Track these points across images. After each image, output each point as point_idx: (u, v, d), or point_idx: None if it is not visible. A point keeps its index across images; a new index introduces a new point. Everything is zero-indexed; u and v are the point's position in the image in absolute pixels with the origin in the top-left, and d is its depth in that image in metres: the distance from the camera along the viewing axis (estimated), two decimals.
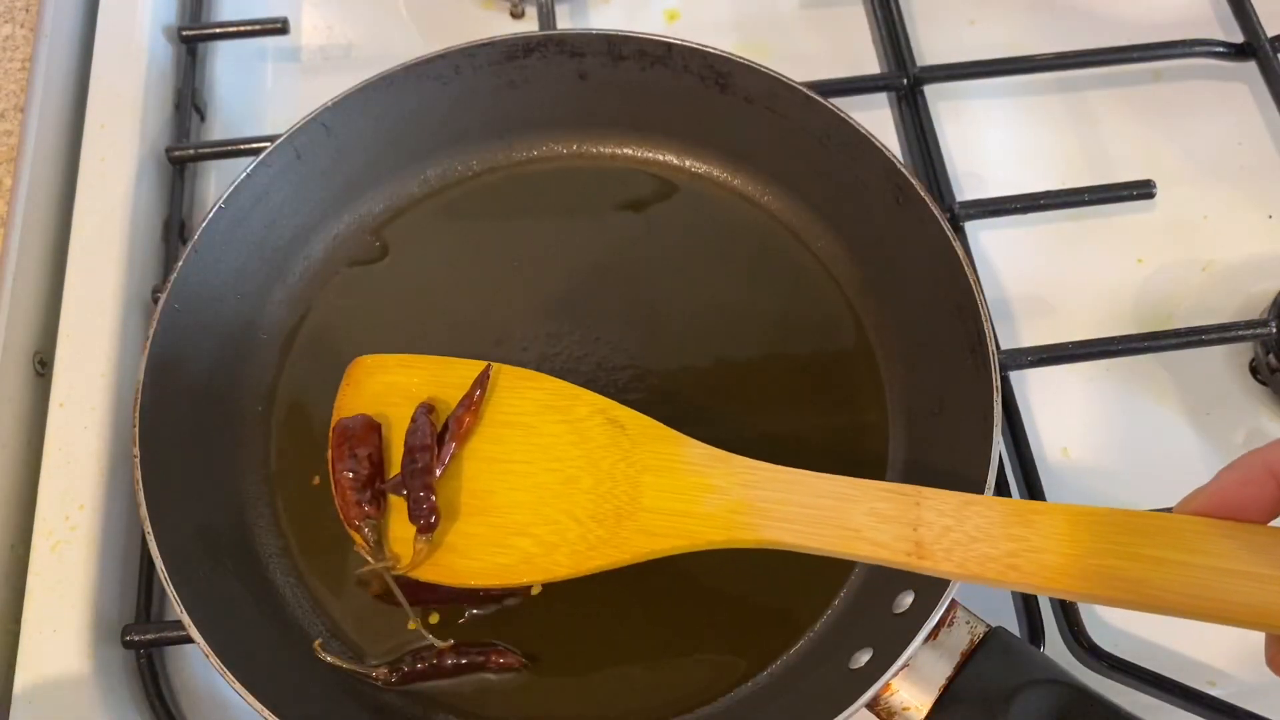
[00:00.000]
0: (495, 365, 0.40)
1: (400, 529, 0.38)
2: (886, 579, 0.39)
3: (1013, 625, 0.40)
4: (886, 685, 0.35)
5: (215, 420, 0.43)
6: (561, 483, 0.37)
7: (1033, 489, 0.43)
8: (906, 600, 0.37)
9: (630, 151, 0.49)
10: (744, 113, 0.46)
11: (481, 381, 0.39)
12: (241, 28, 0.54)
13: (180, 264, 0.41)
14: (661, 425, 0.37)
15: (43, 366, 0.45)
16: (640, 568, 0.41)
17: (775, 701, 0.39)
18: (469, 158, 0.49)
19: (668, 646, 0.40)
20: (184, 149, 0.50)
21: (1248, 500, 0.28)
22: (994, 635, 0.36)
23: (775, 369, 0.45)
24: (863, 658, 0.37)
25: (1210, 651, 0.42)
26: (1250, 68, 0.53)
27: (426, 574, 0.37)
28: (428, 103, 0.47)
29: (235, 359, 0.44)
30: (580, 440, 0.37)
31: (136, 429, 0.38)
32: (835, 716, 0.35)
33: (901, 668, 0.35)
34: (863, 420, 0.44)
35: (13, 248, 0.45)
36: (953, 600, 0.35)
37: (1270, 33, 0.53)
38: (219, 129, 0.54)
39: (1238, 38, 0.54)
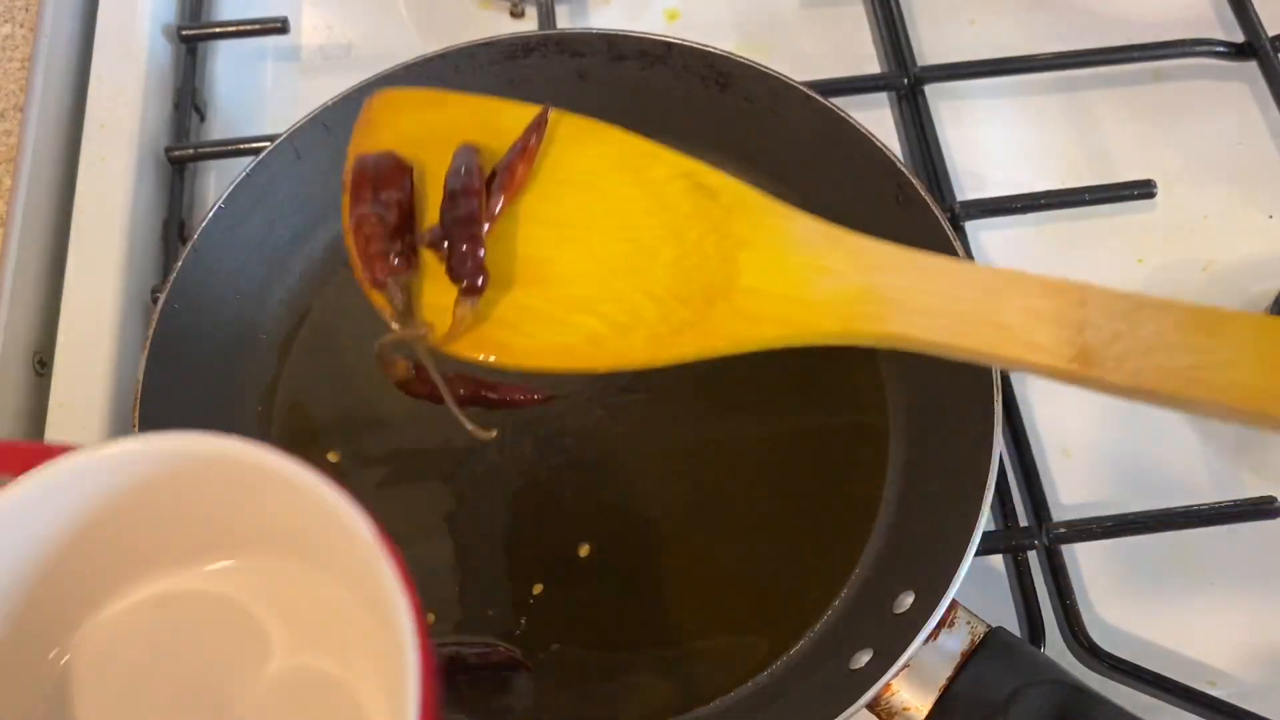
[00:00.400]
0: (554, 110, 0.33)
1: (436, 295, 0.31)
2: (887, 579, 0.39)
3: (1013, 625, 0.40)
4: (887, 686, 0.35)
5: (214, 420, 0.43)
6: (636, 254, 0.30)
7: (1033, 489, 0.43)
8: (907, 600, 0.37)
9: None
10: (744, 113, 0.46)
11: (539, 126, 0.32)
12: (241, 27, 0.54)
13: (180, 264, 0.41)
14: (762, 194, 0.30)
15: (42, 367, 0.45)
16: (638, 568, 0.41)
17: (775, 702, 0.39)
18: None
19: (667, 647, 0.40)
20: (184, 149, 0.50)
21: None
22: (994, 635, 0.36)
23: (775, 369, 0.45)
24: (863, 658, 0.37)
25: (1211, 652, 0.42)
26: (1251, 67, 0.53)
27: (471, 350, 0.30)
28: None
29: (235, 359, 0.44)
30: (659, 207, 0.31)
31: (136, 430, 0.38)
32: (835, 717, 0.35)
33: (902, 668, 0.35)
34: (862, 420, 0.44)
35: (12, 248, 0.45)
36: (953, 600, 0.35)
37: (1271, 32, 0.53)
38: (219, 129, 0.54)
39: (1238, 37, 0.54)
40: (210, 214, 0.42)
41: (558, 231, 0.31)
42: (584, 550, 0.41)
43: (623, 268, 0.30)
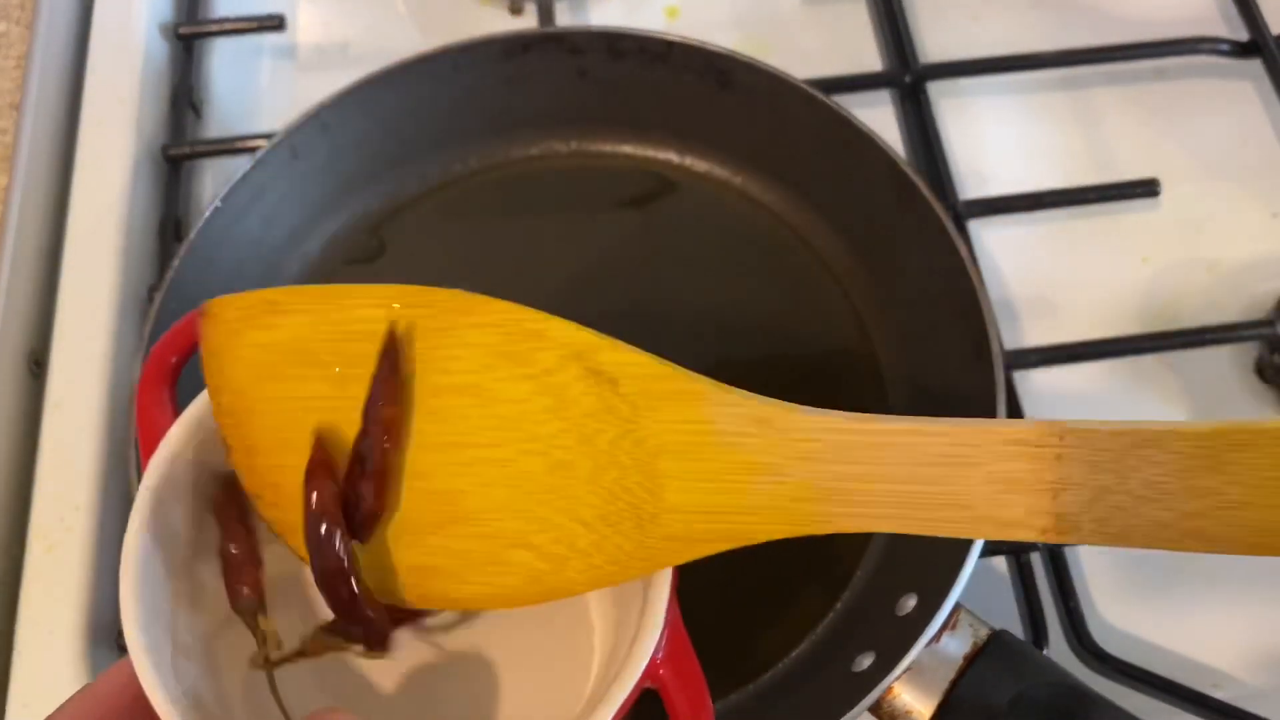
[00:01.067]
0: (406, 293, 0.26)
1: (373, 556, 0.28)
2: (890, 582, 0.39)
3: (1015, 628, 0.40)
4: (889, 688, 0.35)
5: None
6: (549, 471, 0.26)
7: None
8: (909, 603, 0.37)
9: (630, 150, 0.49)
10: (745, 110, 0.46)
11: (392, 352, 0.26)
12: (238, 25, 0.54)
13: (176, 263, 0.41)
14: (670, 371, 0.25)
15: (37, 367, 0.45)
16: None
17: (776, 705, 0.38)
18: (467, 156, 0.49)
19: None
20: (180, 147, 0.50)
21: None
22: (997, 638, 0.36)
23: (777, 368, 0.45)
24: (865, 661, 0.36)
25: (1215, 654, 0.42)
26: (1255, 65, 0.53)
27: (414, 602, 0.28)
28: (425, 100, 0.46)
29: None
30: (558, 405, 0.26)
31: (132, 430, 0.38)
32: (838, 719, 0.34)
33: (904, 671, 0.34)
34: None
35: (7, 247, 0.44)
36: (957, 603, 0.35)
37: (1275, 31, 0.53)
38: (215, 127, 0.53)
39: (1243, 36, 0.53)
40: (207, 213, 0.42)
41: (459, 454, 0.26)
42: None
43: (540, 489, 0.26)
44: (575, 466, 0.26)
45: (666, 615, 0.27)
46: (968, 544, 0.35)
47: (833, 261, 0.46)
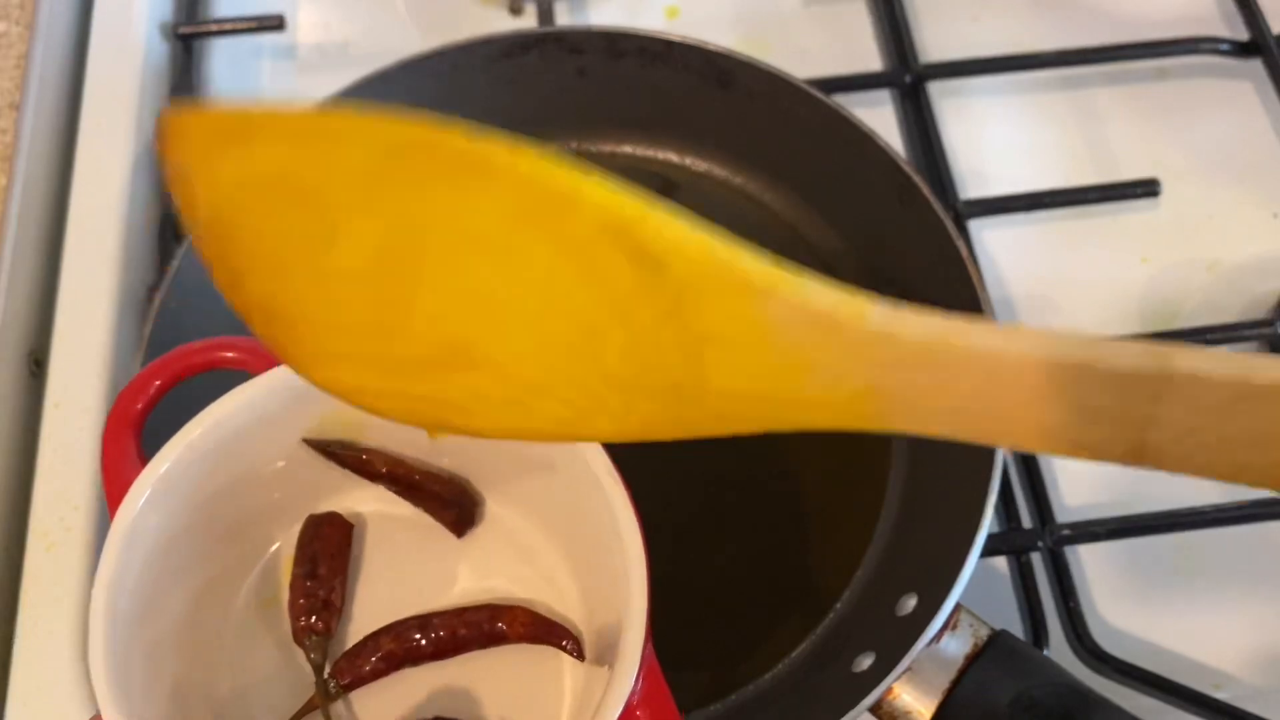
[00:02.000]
0: (404, 131, 0.22)
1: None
2: (890, 582, 0.39)
3: (1016, 628, 0.40)
4: (889, 689, 0.35)
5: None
6: (579, 333, 0.23)
7: (1036, 491, 0.43)
8: (910, 603, 0.37)
9: (630, 149, 0.49)
10: (745, 110, 0.46)
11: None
12: (237, 25, 0.53)
13: (176, 262, 0.41)
14: (724, 250, 0.23)
15: (37, 366, 0.45)
16: None
17: (776, 705, 0.38)
18: None
19: (667, 650, 0.40)
20: None
21: None
22: (998, 639, 0.36)
23: None
24: (865, 661, 0.36)
25: (1216, 654, 0.42)
26: (1255, 65, 0.53)
27: (452, 430, 0.26)
28: (425, 100, 0.46)
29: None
30: (590, 278, 0.22)
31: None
32: (838, 719, 0.34)
33: (904, 671, 0.34)
34: None
35: (7, 246, 0.44)
36: (957, 603, 0.35)
37: (1275, 30, 0.53)
38: None
39: (1243, 35, 0.53)
40: None
41: (478, 307, 0.23)
42: None
43: (567, 348, 0.24)
44: (607, 337, 0.23)
45: (642, 657, 0.28)
46: (968, 544, 0.35)
47: (832, 261, 0.46)
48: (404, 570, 0.34)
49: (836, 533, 0.41)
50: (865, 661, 0.36)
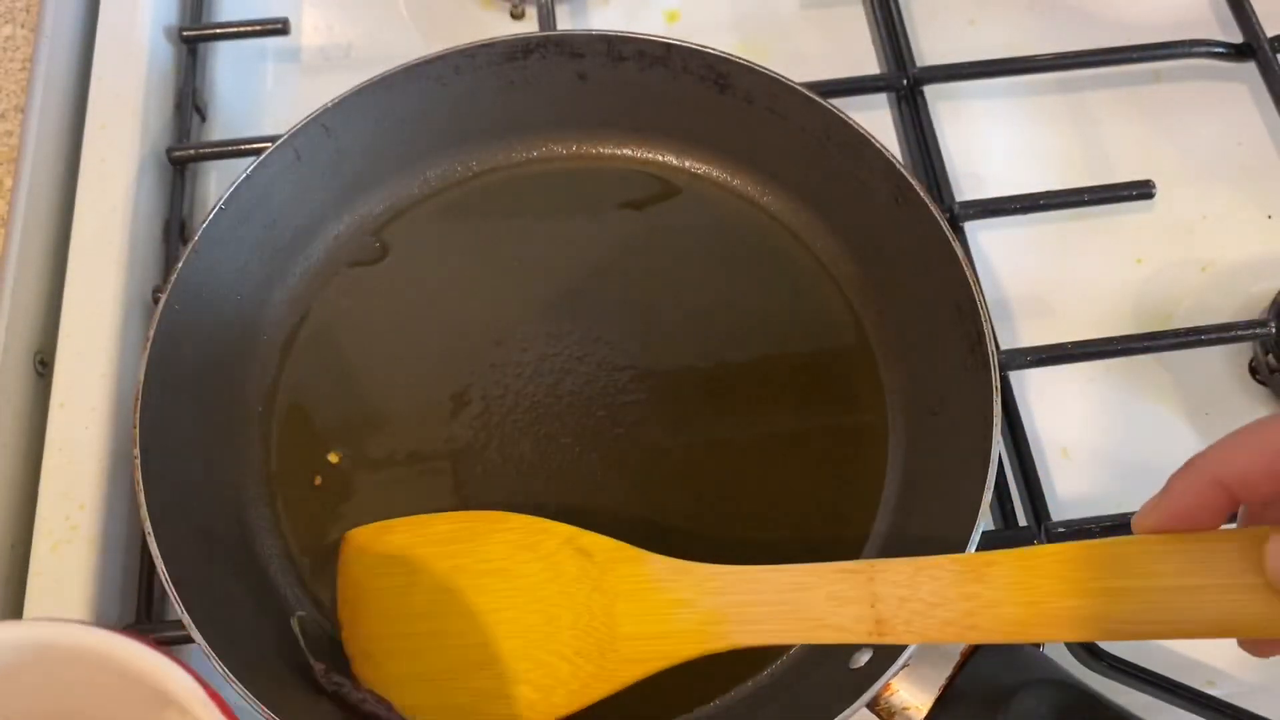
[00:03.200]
0: (461, 516, 0.40)
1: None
2: None
3: None
4: (887, 685, 0.35)
5: (216, 420, 0.43)
6: (545, 623, 0.37)
7: (1032, 489, 0.43)
8: None
9: (630, 152, 0.49)
10: (744, 113, 0.46)
11: None
12: (242, 28, 0.54)
13: (180, 264, 0.41)
14: (624, 546, 0.37)
15: (43, 366, 0.45)
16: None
17: (775, 701, 0.39)
18: (469, 158, 0.49)
19: None
20: (185, 149, 0.50)
21: (1198, 510, 0.28)
22: None
23: (775, 369, 0.45)
24: (863, 657, 0.37)
25: (1210, 651, 0.42)
26: (1250, 68, 0.53)
27: None
28: (427, 104, 0.47)
29: (236, 359, 0.44)
30: (554, 576, 0.38)
31: (137, 430, 0.38)
32: (836, 716, 0.35)
33: (902, 667, 0.35)
34: (862, 420, 0.44)
35: (13, 248, 0.45)
36: None
37: (1270, 33, 0.53)
38: (219, 129, 0.54)
39: (1237, 38, 0.54)
40: (211, 214, 0.42)
41: (491, 616, 0.38)
42: None
43: (539, 637, 0.37)
44: (561, 618, 0.37)
45: None
46: (964, 542, 0.36)
47: (830, 263, 0.47)
48: None
49: (834, 530, 0.42)
50: (863, 657, 0.37)
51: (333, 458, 0.43)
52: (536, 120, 0.49)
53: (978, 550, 0.36)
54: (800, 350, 0.45)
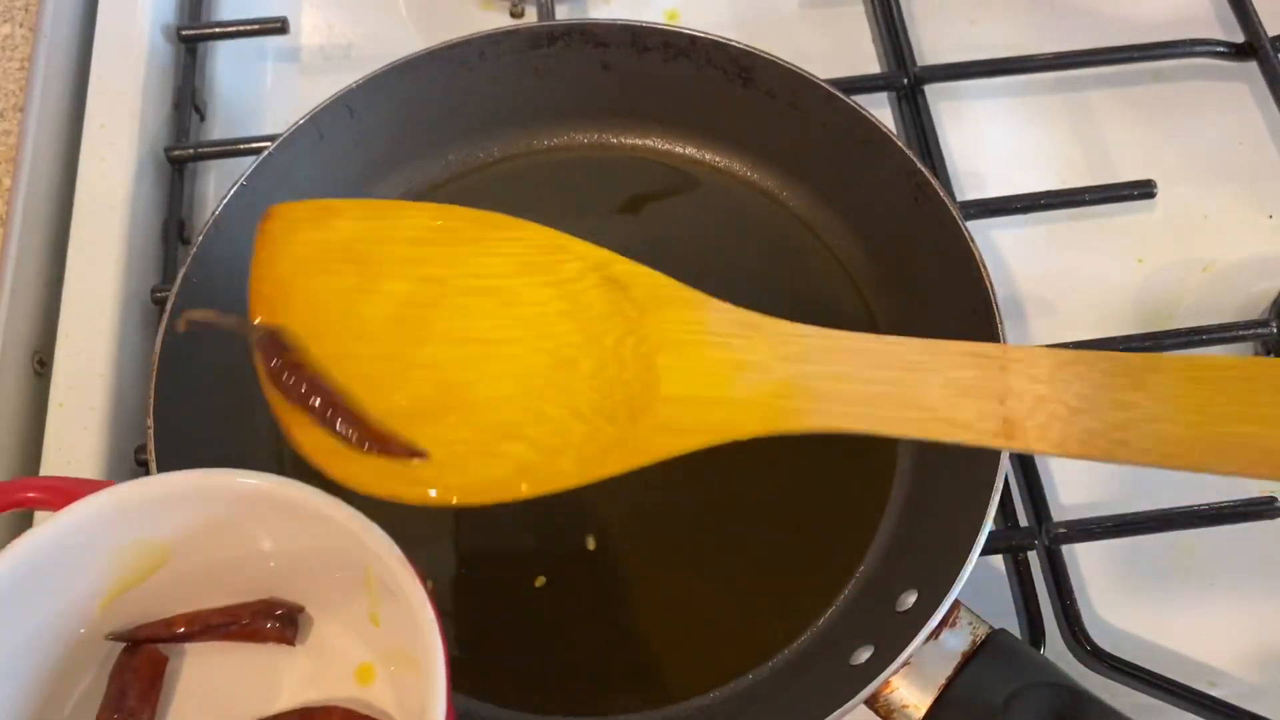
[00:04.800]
0: (449, 210, 0.30)
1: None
2: (891, 577, 0.39)
3: (1013, 625, 0.40)
4: (886, 683, 0.35)
5: (227, 402, 0.42)
6: (555, 367, 0.29)
7: (1033, 489, 0.43)
8: (909, 599, 0.37)
9: (651, 143, 0.49)
10: (766, 108, 0.46)
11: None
12: (241, 27, 0.54)
13: (200, 239, 0.41)
14: (675, 282, 0.29)
15: (41, 366, 0.45)
16: (643, 562, 0.41)
17: (775, 696, 0.39)
18: (490, 144, 0.49)
19: (669, 638, 0.40)
20: (184, 149, 0.50)
21: None
22: (995, 637, 0.36)
23: None
24: (863, 654, 0.37)
25: (1211, 652, 0.42)
26: (1251, 67, 0.53)
27: (401, 492, 0.29)
28: (451, 88, 0.47)
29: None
30: (573, 308, 0.29)
31: (152, 402, 0.38)
32: (834, 712, 0.34)
33: (902, 666, 0.35)
34: None
35: (12, 248, 0.45)
36: (956, 600, 0.35)
37: (1271, 32, 0.53)
38: (218, 129, 0.54)
39: (1238, 37, 0.54)
40: (233, 190, 0.42)
41: (474, 349, 0.29)
42: (590, 543, 0.41)
43: (544, 384, 0.29)
44: (579, 363, 0.29)
45: None
46: (970, 542, 0.36)
47: (847, 260, 0.47)
48: (223, 696, 0.33)
49: (839, 528, 0.42)
50: (864, 654, 0.36)
51: None
52: (559, 108, 0.49)
53: (980, 552, 0.36)
54: None
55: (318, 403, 0.28)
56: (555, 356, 0.29)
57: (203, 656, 0.33)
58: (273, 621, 0.33)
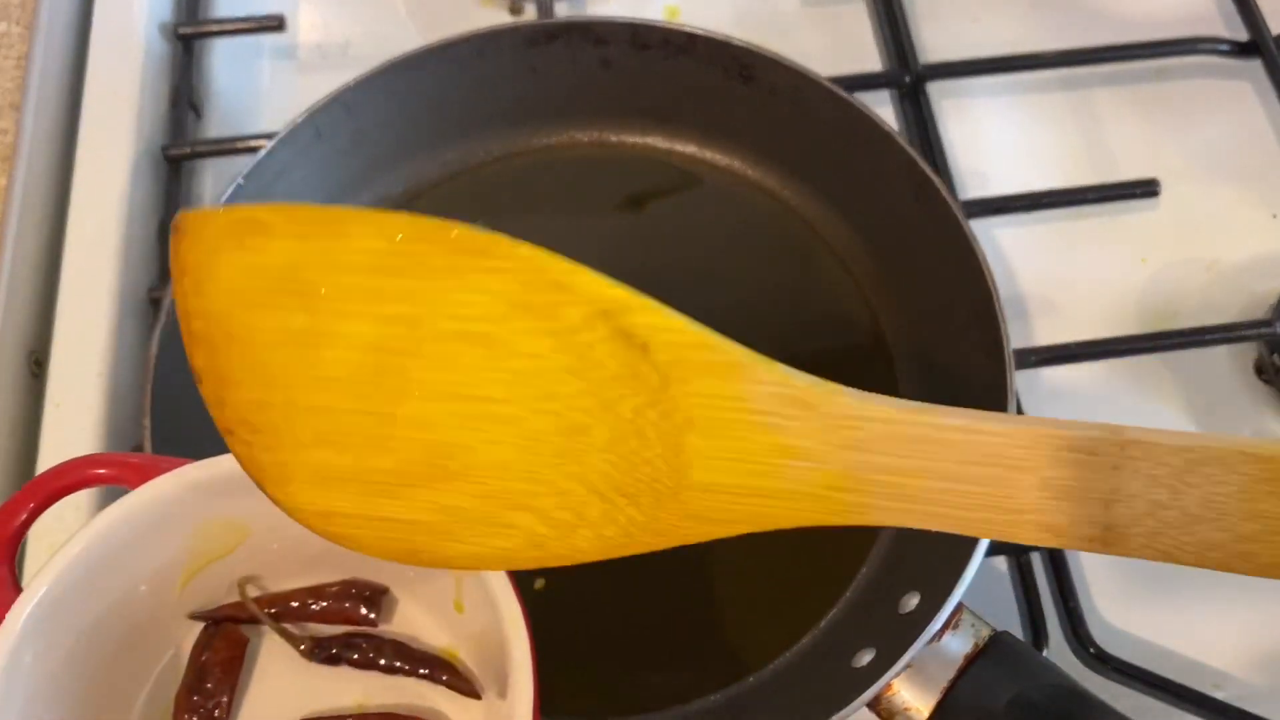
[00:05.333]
0: (412, 224, 0.24)
1: None
2: (894, 579, 0.39)
3: (1015, 627, 0.40)
4: (888, 685, 0.35)
5: None
6: (562, 433, 0.24)
7: None
8: (912, 601, 0.37)
9: (652, 141, 0.49)
10: (767, 105, 0.46)
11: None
12: (238, 25, 0.53)
13: None
14: (705, 338, 0.23)
15: (38, 367, 0.45)
16: (643, 564, 0.41)
17: (776, 697, 0.38)
18: (489, 142, 0.49)
19: (670, 640, 0.40)
20: (180, 147, 0.50)
21: None
22: (998, 640, 0.36)
23: (790, 363, 0.45)
24: (866, 657, 0.36)
25: (1215, 654, 0.42)
26: (1255, 66, 0.53)
27: (401, 556, 0.26)
28: (449, 86, 0.46)
29: None
30: (579, 365, 0.23)
31: (149, 401, 0.38)
32: (836, 714, 0.34)
33: (904, 668, 0.34)
34: None
35: (8, 247, 0.44)
36: (959, 603, 0.35)
37: (1275, 31, 0.53)
38: (215, 127, 0.53)
39: (1242, 36, 0.53)
40: (230, 190, 0.42)
41: (465, 406, 0.24)
42: None
43: (551, 451, 0.24)
44: (592, 432, 0.24)
45: None
46: (972, 544, 0.35)
47: (849, 258, 0.47)
48: (300, 680, 0.33)
49: (842, 530, 0.41)
50: (866, 657, 0.36)
51: None
52: (558, 106, 0.48)
53: (983, 555, 0.35)
54: (816, 346, 0.45)
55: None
56: (562, 421, 0.24)
57: (282, 641, 0.33)
58: (356, 602, 0.32)
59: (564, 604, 0.40)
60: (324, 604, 0.33)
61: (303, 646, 0.32)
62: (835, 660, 0.37)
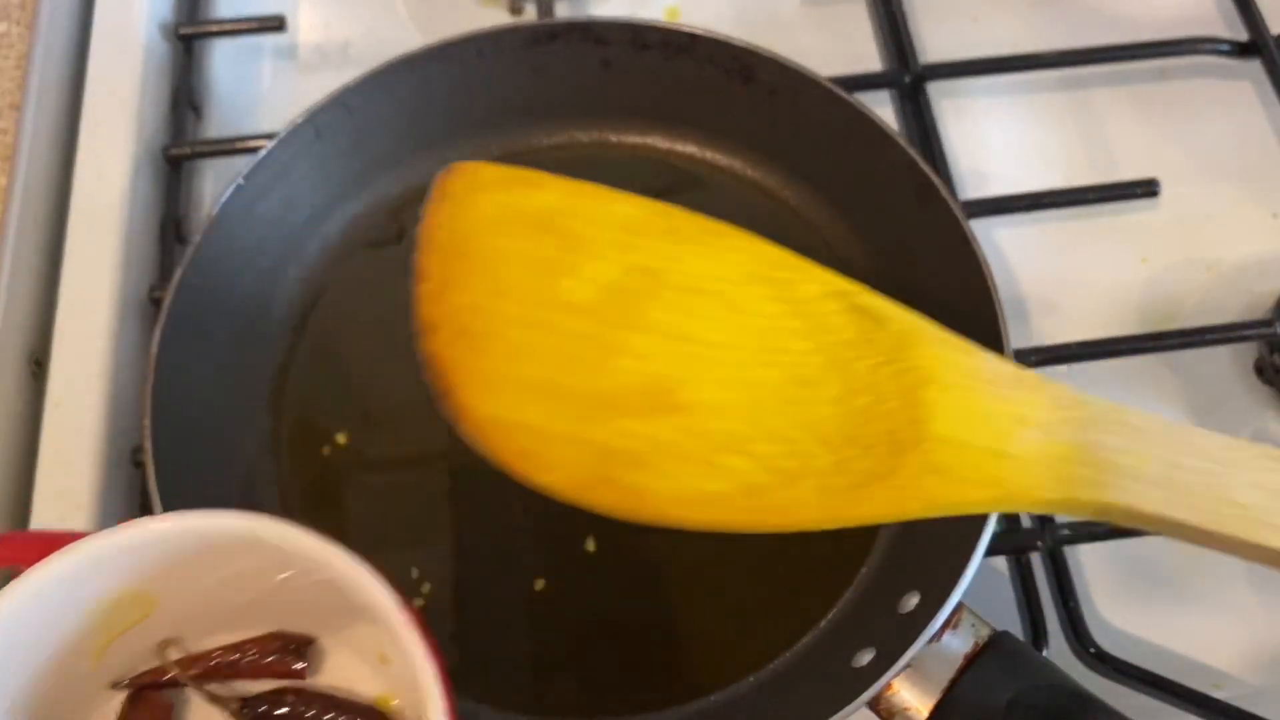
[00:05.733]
0: (664, 209, 0.27)
1: None
2: (894, 579, 0.39)
3: (1015, 627, 0.40)
4: (888, 685, 0.35)
5: (224, 399, 0.43)
6: (792, 384, 0.25)
7: None
8: (912, 601, 0.37)
9: (652, 142, 0.49)
10: (767, 106, 0.46)
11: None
12: (238, 25, 0.54)
13: (199, 238, 0.41)
14: (937, 325, 0.25)
15: (38, 367, 0.45)
16: (644, 563, 0.41)
17: (776, 697, 0.38)
18: (489, 143, 0.49)
19: (670, 640, 0.40)
20: (181, 147, 0.50)
21: None
22: (998, 639, 0.36)
23: None
24: (866, 656, 0.36)
25: (1216, 654, 0.42)
26: (1255, 66, 0.53)
27: (598, 497, 0.26)
28: (450, 86, 0.46)
29: (249, 336, 0.44)
30: (812, 328, 0.25)
31: (148, 401, 0.38)
32: (836, 714, 0.34)
33: (904, 668, 0.34)
34: None
35: (8, 247, 0.44)
36: (959, 603, 0.35)
37: (1275, 31, 0.53)
38: (215, 127, 0.54)
39: (1242, 36, 0.53)
40: (230, 189, 0.42)
41: (692, 347, 0.25)
42: (590, 545, 0.41)
43: (778, 400, 0.25)
44: (822, 385, 0.25)
45: None
46: (972, 543, 0.35)
47: (850, 259, 0.46)
48: None
49: (843, 530, 0.41)
50: (865, 657, 0.36)
51: (340, 438, 0.43)
52: (559, 107, 0.48)
53: (982, 554, 0.35)
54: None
55: None
56: (791, 373, 0.25)
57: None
58: (284, 655, 0.31)
59: (563, 604, 0.40)
60: (251, 657, 0.32)
61: (231, 708, 0.31)
62: (835, 660, 0.37)
